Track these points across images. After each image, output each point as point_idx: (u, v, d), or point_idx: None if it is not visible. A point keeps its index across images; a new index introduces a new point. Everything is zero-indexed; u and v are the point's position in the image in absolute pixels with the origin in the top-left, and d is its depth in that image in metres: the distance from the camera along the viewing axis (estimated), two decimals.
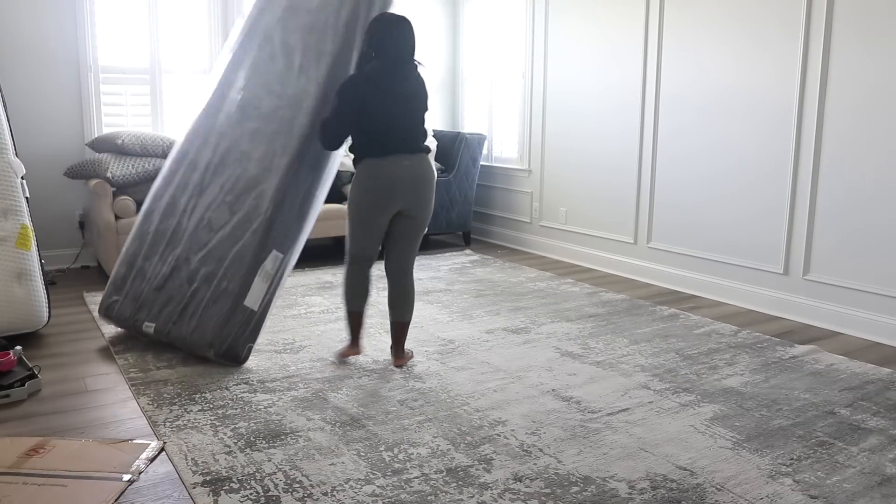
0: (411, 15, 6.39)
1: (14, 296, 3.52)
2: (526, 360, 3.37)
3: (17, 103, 4.96)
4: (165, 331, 3.33)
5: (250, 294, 3.22)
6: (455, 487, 2.23)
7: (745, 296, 4.34)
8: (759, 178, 4.23)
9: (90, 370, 3.24)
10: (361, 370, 3.22)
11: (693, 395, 2.97)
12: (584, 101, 5.36)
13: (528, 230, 6.05)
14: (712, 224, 4.52)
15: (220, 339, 3.19)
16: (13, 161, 3.66)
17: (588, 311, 4.18)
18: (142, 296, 3.45)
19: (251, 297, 3.22)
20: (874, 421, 2.73)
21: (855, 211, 3.78)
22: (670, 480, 2.28)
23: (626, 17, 4.95)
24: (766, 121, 4.16)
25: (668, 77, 4.70)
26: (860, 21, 3.67)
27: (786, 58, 4.02)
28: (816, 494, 2.21)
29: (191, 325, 3.26)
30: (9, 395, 2.88)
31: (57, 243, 5.21)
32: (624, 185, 5.10)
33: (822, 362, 3.36)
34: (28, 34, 4.94)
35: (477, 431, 2.62)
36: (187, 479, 2.27)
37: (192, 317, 3.27)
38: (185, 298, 3.32)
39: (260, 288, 3.24)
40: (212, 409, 2.80)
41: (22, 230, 3.61)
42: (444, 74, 6.69)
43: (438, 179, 5.91)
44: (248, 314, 3.22)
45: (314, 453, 2.44)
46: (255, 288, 3.22)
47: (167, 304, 3.36)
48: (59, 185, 5.16)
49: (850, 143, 3.77)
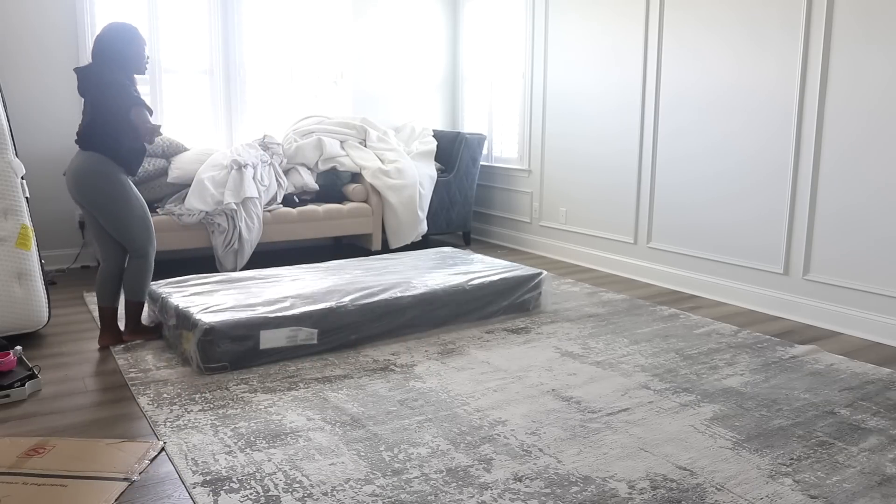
0: (411, 15, 6.41)
1: (14, 296, 3.52)
2: (526, 360, 3.37)
3: (17, 103, 4.96)
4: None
5: (269, 337, 3.27)
6: (455, 487, 2.23)
7: (745, 296, 4.34)
8: (759, 179, 4.23)
9: (90, 370, 3.24)
10: (361, 370, 3.22)
11: (693, 395, 2.97)
12: (585, 101, 5.36)
13: (528, 230, 6.05)
14: (712, 224, 4.52)
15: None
16: (13, 161, 3.66)
17: (588, 311, 4.18)
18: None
19: (267, 340, 3.27)
20: (874, 421, 2.73)
21: (855, 211, 3.78)
22: (670, 480, 2.28)
23: (627, 17, 4.95)
24: (766, 121, 4.16)
25: (669, 77, 4.70)
26: (860, 21, 3.67)
27: (786, 58, 4.02)
28: (816, 494, 2.21)
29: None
30: (9, 395, 2.88)
31: (57, 243, 5.21)
32: (624, 185, 5.10)
33: (822, 362, 3.36)
34: (28, 34, 4.94)
35: (477, 431, 2.62)
36: (187, 479, 2.27)
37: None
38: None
39: (278, 341, 3.29)
40: (212, 409, 2.80)
41: (22, 230, 3.61)
42: (444, 74, 6.69)
43: (439, 179, 5.92)
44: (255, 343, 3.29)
45: (314, 453, 2.44)
46: (277, 337, 3.28)
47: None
48: (59, 185, 5.16)
49: (851, 144, 3.77)
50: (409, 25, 6.43)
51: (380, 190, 5.56)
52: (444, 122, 6.77)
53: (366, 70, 6.27)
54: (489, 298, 3.98)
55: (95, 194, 3.28)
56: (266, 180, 5.16)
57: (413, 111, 6.57)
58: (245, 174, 4.97)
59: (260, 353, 3.26)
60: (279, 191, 5.29)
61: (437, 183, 5.91)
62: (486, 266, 4.30)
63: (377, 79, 6.34)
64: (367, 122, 5.99)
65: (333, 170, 5.62)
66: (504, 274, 4.10)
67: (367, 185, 5.58)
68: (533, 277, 4.14)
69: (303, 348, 3.37)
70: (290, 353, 3.34)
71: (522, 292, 4.09)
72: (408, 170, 5.65)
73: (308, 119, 5.86)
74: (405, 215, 5.58)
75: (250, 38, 5.71)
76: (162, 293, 3.63)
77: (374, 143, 5.86)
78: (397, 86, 6.46)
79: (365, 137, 5.92)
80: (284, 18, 5.85)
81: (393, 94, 6.44)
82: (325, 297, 3.58)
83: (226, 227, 4.83)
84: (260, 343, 3.24)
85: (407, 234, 5.65)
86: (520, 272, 4.15)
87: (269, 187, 5.17)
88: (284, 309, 3.39)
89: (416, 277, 4.01)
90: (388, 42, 6.35)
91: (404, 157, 5.79)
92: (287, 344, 3.32)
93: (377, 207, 5.57)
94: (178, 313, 3.37)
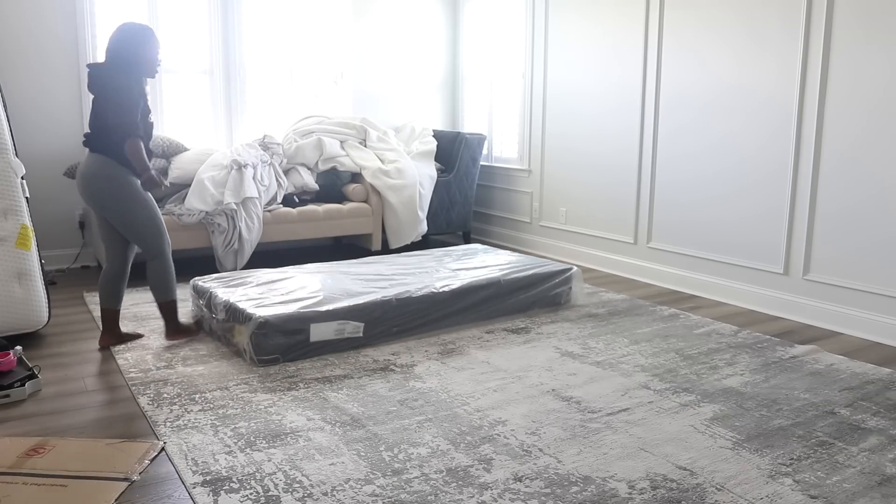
0: (411, 15, 6.41)
1: (14, 296, 3.52)
2: (526, 360, 3.37)
3: (17, 103, 4.96)
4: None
5: (318, 330, 3.39)
6: (455, 487, 2.23)
7: (745, 296, 4.34)
8: (759, 178, 4.23)
9: (90, 370, 3.24)
10: (361, 370, 3.23)
11: (693, 395, 2.97)
12: (584, 101, 5.36)
13: (528, 230, 6.05)
14: (712, 224, 4.52)
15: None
16: (13, 161, 3.66)
17: (588, 311, 4.18)
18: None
19: (317, 333, 3.38)
20: (874, 421, 2.73)
21: (855, 211, 3.78)
22: (670, 480, 2.28)
23: (626, 16, 4.95)
24: (766, 121, 4.16)
25: (668, 77, 4.70)
26: (860, 20, 3.67)
27: (786, 57, 4.02)
28: (816, 494, 2.21)
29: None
30: (9, 395, 2.88)
31: (57, 243, 5.21)
32: (624, 185, 5.10)
33: (822, 362, 3.36)
34: (28, 34, 4.94)
35: (477, 431, 2.62)
36: (187, 479, 2.27)
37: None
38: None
39: (327, 334, 3.41)
40: (212, 409, 2.80)
41: (22, 230, 3.61)
42: (444, 74, 6.69)
43: (439, 179, 5.92)
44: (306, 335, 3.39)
45: (314, 453, 2.44)
46: (326, 331, 3.41)
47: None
48: (59, 185, 5.16)
49: (851, 143, 3.77)
50: (409, 25, 6.43)
51: (380, 190, 5.56)
52: (444, 122, 6.77)
53: (366, 70, 6.28)
54: (523, 292, 4.12)
55: (104, 197, 3.30)
56: (266, 180, 5.16)
57: (413, 111, 6.57)
58: (245, 174, 4.97)
59: (309, 345, 3.37)
60: (279, 191, 5.29)
61: (437, 183, 5.91)
62: (516, 261, 4.46)
63: (377, 79, 6.34)
64: (367, 122, 5.99)
65: (333, 170, 5.62)
66: (536, 269, 4.24)
67: (367, 185, 5.58)
68: (564, 272, 4.29)
69: (349, 341, 3.49)
70: (337, 345, 3.46)
71: (553, 286, 4.23)
72: (408, 170, 5.65)
73: (308, 119, 5.86)
74: (405, 215, 5.58)
75: (250, 38, 5.72)
76: (209, 287, 3.72)
77: (374, 143, 5.86)
78: (397, 86, 6.46)
79: (365, 137, 5.92)
80: (284, 18, 5.85)
81: (393, 94, 6.44)
82: (367, 292, 3.71)
83: (226, 227, 4.83)
84: (310, 336, 3.36)
85: (407, 234, 5.65)
86: (551, 267, 4.31)
87: (269, 187, 5.17)
88: (331, 303, 3.50)
89: (451, 272, 4.19)
90: (388, 42, 6.35)
91: (404, 157, 5.79)
92: (335, 337, 3.44)
93: (377, 207, 5.57)
94: (229, 307, 3.47)
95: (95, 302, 4.29)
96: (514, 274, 4.13)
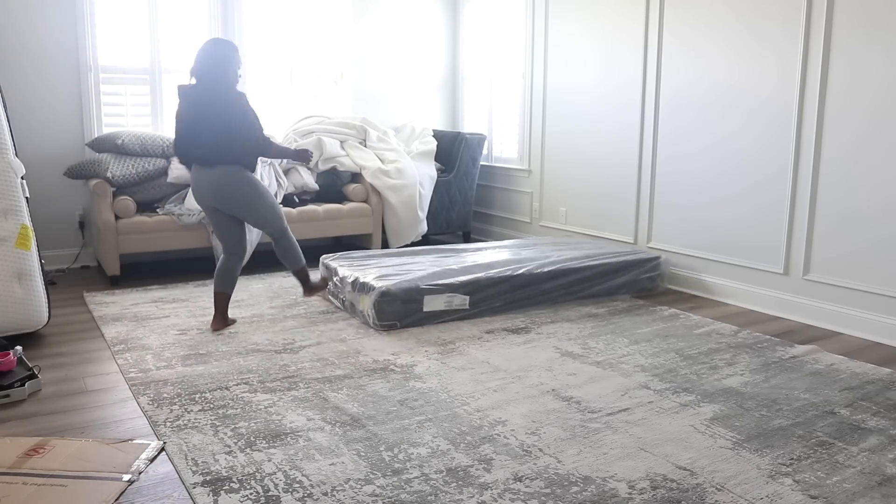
0: (411, 15, 6.41)
1: (14, 296, 3.52)
2: (526, 360, 3.37)
3: (17, 103, 4.96)
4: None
5: (430, 301, 3.87)
6: (455, 487, 2.23)
7: (745, 296, 4.34)
8: (759, 178, 4.23)
9: (90, 370, 3.24)
10: (361, 370, 3.23)
11: (693, 395, 2.97)
12: (584, 101, 5.36)
13: (528, 230, 6.05)
14: (712, 224, 4.52)
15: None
16: (13, 161, 3.67)
17: (588, 311, 4.18)
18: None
19: (429, 303, 3.86)
20: (874, 421, 2.73)
21: (855, 211, 3.78)
22: (670, 480, 2.28)
23: (626, 16, 4.95)
24: (766, 121, 4.16)
25: (669, 77, 4.70)
26: (861, 20, 3.67)
27: (786, 57, 4.02)
28: (816, 494, 2.21)
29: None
30: (9, 395, 2.88)
31: (57, 243, 5.21)
32: (624, 185, 5.10)
33: (822, 362, 3.36)
34: (28, 34, 4.94)
35: (477, 431, 2.62)
36: (187, 479, 2.27)
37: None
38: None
39: (437, 305, 3.88)
40: (212, 409, 2.80)
41: (22, 230, 3.61)
42: (444, 74, 6.69)
43: (439, 179, 5.92)
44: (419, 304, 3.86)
45: (314, 453, 2.44)
46: (437, 302, 3.88)
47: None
48: (59, 185, 5.16)
49: (851, 143, 3.77)
50: (409, 25, 6.43)
51: (380, 190, 5.56)
52: (444, 122, 6.77)
53: (366, 70, 6.28)
54: (614, 276, 4.49)
55: (240, 199, 3.68)
56: (266, 180, 5.16)
57: (413, 111, 6.57)
58: None
59: (423, 314, 3.85)
60: (279, 191, 5.29)
61: (437, 183, 5.91)
62: (601, 247, 4.82)
63: (377, 79, 6.34)
64: (367, 122, 5.99)
65: (333, 170, 5.62)
66: (626, 257, 4.58)
67: (367, 185, 5.58)
68: (653, 259, 4.62)
69: (456, 312, 3.96)
70: (445, 315, 3.94)
71: (642, 271, 4.57)
72: (408, 170, 5.65)
73: (308, 119, 5.86)
74: (405, 215, 5.59)
75: (250, 38, 5.71)
76: (335, 265, 4.29)
77: (374, 143, 5.86)
78: (397, 86, 6.46)
79: (365, 137, 5.92)
80: (284, 19, 5.85)
81: (393, 94, 6.44)
82: (471, 270, 4.17)
83: None
84: (424, 306, 3.84)
85: (407, 234, 5.65)
86: (641, 255, 4.64)
87: (269, 187, 5.17)
88: (443, 278, 3.98)
89: (546, 255, 4.57)
90: (388, 42, 6.35)
91: (404, 157, 5.79)
92: (444, 307, 3.92)
93: (377, 207, 5.57)
94: (355, 280, 3.98)
95: (95, 302, 4.29)
96: (604, 259, 4.50)
